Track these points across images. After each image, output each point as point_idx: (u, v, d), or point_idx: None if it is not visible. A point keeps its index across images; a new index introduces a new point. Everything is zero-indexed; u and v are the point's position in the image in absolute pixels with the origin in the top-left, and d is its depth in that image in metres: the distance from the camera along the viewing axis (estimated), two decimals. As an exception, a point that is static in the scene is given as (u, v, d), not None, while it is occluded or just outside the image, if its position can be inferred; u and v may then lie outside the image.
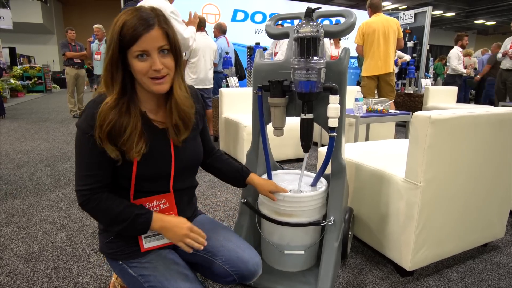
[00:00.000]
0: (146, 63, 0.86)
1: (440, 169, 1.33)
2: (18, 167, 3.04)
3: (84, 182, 0.89)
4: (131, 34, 0.83)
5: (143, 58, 0.85)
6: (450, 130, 1.30)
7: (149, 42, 0.84)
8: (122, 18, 0.84)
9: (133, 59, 0.85)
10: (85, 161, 0.89)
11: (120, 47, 0.84)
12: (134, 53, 0.84)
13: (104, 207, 0.90)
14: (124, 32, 0.83)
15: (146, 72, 0.86)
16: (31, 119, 5.98)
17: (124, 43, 0.84)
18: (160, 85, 0.89)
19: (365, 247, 1.71)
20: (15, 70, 11.42)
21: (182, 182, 1.04)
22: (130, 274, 0.97)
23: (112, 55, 0.85)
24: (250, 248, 1.07)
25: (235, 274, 1.01)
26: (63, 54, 5.72)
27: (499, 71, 5.65)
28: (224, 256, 1.02)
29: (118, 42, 0.84)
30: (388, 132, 3.79)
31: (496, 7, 13.39)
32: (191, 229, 0.94)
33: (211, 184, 2.67)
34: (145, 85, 0.89)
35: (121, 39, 0.83)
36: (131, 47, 0.84)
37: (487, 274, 1.51)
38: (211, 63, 4.00)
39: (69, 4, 16.64)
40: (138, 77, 0.88)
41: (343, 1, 13.14)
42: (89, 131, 0.86)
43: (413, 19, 6.45)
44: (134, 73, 0.88)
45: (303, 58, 1.14)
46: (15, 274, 1.46)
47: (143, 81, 0.88)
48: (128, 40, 0.83)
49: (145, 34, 0.83)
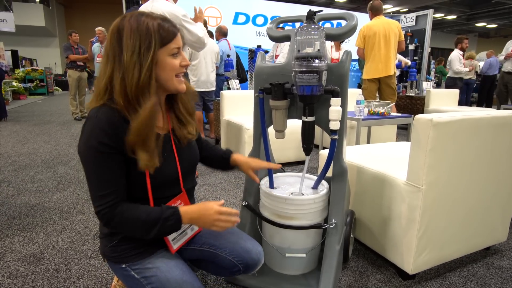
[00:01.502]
0: (178, 60, 0.91)
1: (442, 172, 1.33)
2: (19, 169, 3.05)
3: (102, 201, 0.86)
4: (171, 31, 0.88)
5: (176, 55, 0.90)
6: (452, 133, 1.30)
7: (179, 40, 0.91)
8: (150, 21, 0.86)
9: (167, 57, 0.88)
10: (99, 180, 0.86)
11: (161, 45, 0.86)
12: (172, 50, 0.89)
13: (129, 219, 0.87)
14: (164, 31, 0.87)
15: (177, 68, 0.91)
16: (33, 121, 5.99)
17: (165, 40, 0.87)
18: (182, 83, 0.95)
19: (366, 250, 1.70)
20: (17, 72, 11.48)
21: (189, 181, 1.08)
22: (133, 277, 0.97)
23: (153, 55, 0.85)
24: (251, 239, 1.12)
25: (240, 264, 1.05)
26: (66, 57, 5.75)
27: (500, 74, 5.65)
28: (228, 248, 1.06)
29: (160, 40, 0.86)
30: (389, 135, 3.78)
31: (497, 10, 13.41)
32: (219, 212, 0.92)
33: (212, 187, 2.67)
34: (171, 84, 0.92)
35: (162, 36, 0.86)
36: (168, 44, 0.87)
37: (490, 278, 1.50)
38: (212, 66, 4.00)
39: (71, 7, 16.74)
40: (168, 76, 0.90)
41: (344, 4, 13.18)
42: (102, 149, 0.84)
43: (415, 22, 6.45)
44: (164, 71, 0.89)
45: (305, 61, 1.14)
46: (16, 276, 1.46)
47: (171, 80, 0.91)
48: (169, 37, 0.87)
49: (178, 34, 0.91)
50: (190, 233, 1.06)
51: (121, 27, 0.86)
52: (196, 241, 1.10)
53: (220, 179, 2.84)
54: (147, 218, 0.87)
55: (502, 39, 17.30)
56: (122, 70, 0.84)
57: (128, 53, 0.84)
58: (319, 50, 1.12)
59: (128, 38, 0.84)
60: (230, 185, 2.70)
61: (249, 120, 2.97)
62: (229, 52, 4.57)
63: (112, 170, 0.86)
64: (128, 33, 0.84)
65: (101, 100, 0.87)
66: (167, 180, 0.97)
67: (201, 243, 1.09)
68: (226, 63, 4.37)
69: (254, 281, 1.35)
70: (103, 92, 0.88)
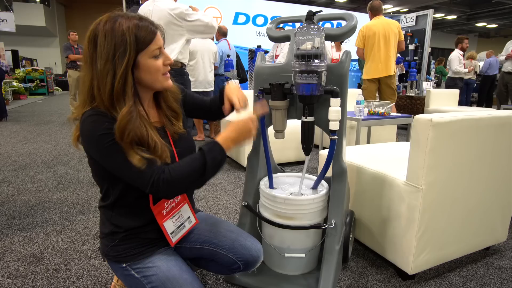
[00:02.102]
0: (161, 60, 0.90)
1: (442, 172, 1.33)
2: (19, 169, 3.05)
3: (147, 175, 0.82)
4: (149, 33, 0.85)
5: (158, 56, 0.89)
6: (451, 133, 1.30)
7: (159, 40, 0.89)
8: (126, 24, 0.82)
9: (149, 59, 0.87)
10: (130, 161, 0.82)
11: (136, 50, 0.84)
12: (153, 52, 0.87)
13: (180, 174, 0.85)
14: (141, 34, 0.84)
15: (162, 69, 0.90)
16: (33, 121, 6.00)
17: (143, 45, 0.84)
18: (169, 80, 0.95)
19: (366, 251, 1.70)
20: (18, 72, 11.49)
21: None
22: (133, 276, 0.97)
23: (128, 60, 0.82)
24: (251, 236, 1.12)
25: (240, 261, 1.06)
26: (66, 57, 5.75)
27: (501, 74, 5.65)
28: (228, 245, 1.06)
29: (136, 45, 0.83)
30: (389, 135, 3.78)
31: (497, 10, 13.40)
32: (253, 120, 0.97)
33: (212, 186, 2.67)
34: (158, 82, 0.91)
35: (138, 40, 0.83)
36: (148, 46, 0.85)
37: (489, 278, 1.50)
38: (210, 66, 3.98)
39: (71, 7, 16.75)
40: (153, 77, 0.89)
41: (345, 4, 13.18)
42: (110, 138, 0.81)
43: (415, 22, 6.45)
44: (149, 74, 0.88)
45: (304, 61, 1.14)
46: (15, 276, 1.46)
47: (157, 79, 0.91)
48: (147, 40, 0.85)
49: (158, 32, 0.88)
50: (188, 226, 1.07)
51: (96, 32, 0.83)
52: (195, 240, 1.10)
53: (220, 179, 2.85)
54: (193, 163, 0.87)
55: (502, 39, 17.30)
56: (97, 78, 0.83)
57: (102, 61, 0.81)
58: (319, 48, 1.12)
59: (102, 44, 0.81)
60: (230, 185, 2.70)
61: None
62: (229, 52, 4.56)
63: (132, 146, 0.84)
64: (102, 39, 0.81)
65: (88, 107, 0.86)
66: None
67: (200, 241, 1.09)
68: (226, 63, 4.37)
69: (254, 281, 1.35)
70: (88, 101, 0.86)
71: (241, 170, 3.12)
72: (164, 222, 0.99)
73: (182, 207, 1.06)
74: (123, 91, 0.83)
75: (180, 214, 1.05)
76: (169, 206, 1.01)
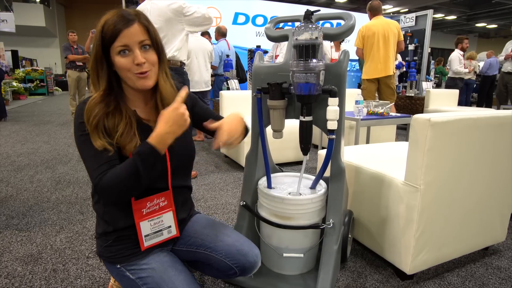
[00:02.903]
0: (129, 59, 0.87)
1: (440, 172, 1.33)
2: (18, 169, 3.05)
3: (95, 174, 0.85)
4: (112, 30, 0.85)
5: (125, 54, 0.87)
6: (450, 133, 1.30)
7: (129, 37, 0.86)
8: (104, 18, 0.87)
9: (116, 56, 0.87)
10: (90, 156, 0.87)
11: (102, 45, 0.86)
12: (116, 48, 0.86)
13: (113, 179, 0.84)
14: (106, 30, 0.85)
15: (129, 68, 0.87)
16: (32, 121, 6.00)
17: (106, 41, 0.86)
18: (145, 80, 0.90)
19: (364, 250, 1.70)
20: (17, 72, 11.49)
21: (179, 179, 1.05)
22: (128, 277, 0.97)
23: (96, 53, 0.88)
24: (248, 241, 1.09)
25: (236, 267, 1.03)
26: (65, 57, 5.75)
27: (500, 74, 5.65)
28: (224, 251, 1.04)
29: (101, 40, 0.86)
30: (389, 135, 3.78)
31: (497, 10, 13.40)
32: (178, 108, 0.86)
33: (210, 187, 2.66)
34: (130, 81, 0.90)
35: (103, 36, 0.85)
36: (113, 43, 0.86)
37: (488, 278, 1.49)
38: (206, 65, 3.94)
39: (71, 7, 16.76)
40: (123, 75, 0.90)
41: (344, 4, 13.18)
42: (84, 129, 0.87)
43: (414, 22, 6.45)
44: (119, 71, 0.89)
45: (302, 60, 1.14)
46: (13, 276, 1.46)
47: (128, 77, 0.89)
48: (109, 36, 0.85)
49: (125, 30, 0.85)
50: (166, 235, 1.02)
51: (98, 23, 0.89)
52: (192, 243, 1.08)
53: (218, 179, 2.84)
54: (126, 167, 0.84)
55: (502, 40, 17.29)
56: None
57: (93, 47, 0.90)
58: (317, 38, 1.12)
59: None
60: (229, 185, 2.70)
61: (248, 120, 2.96)
62: (229, 52, 4.56)
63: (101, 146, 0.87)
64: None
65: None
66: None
67: (196, 245, 1.07)
68: (225, 63, 4.36)
69: (252, 281, 1.35)
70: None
71: (240, 170, 3.11)
72: (141, 221, 0.96)
73: (165, 213, 1.01)
74: (97, 81, 0.90)
75: (161, 220, 1.00)
76: (151, 208, 0.98)
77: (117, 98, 0.92)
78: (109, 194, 0.85)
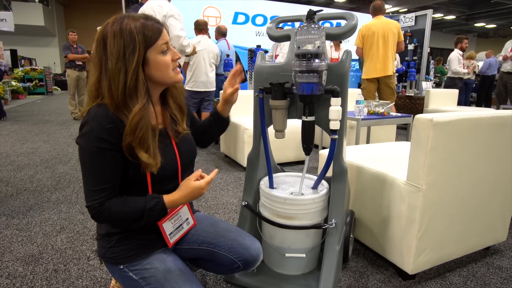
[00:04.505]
0: (169, 56, 0.91)
1: (442, 172, 1.33)
2: (18, 169, 3.04)
3: (94, 197, 0.86)
4: (155, 30, 0.87)
5: (166, 52, 0.90)
6: (452, 133, 1.30)
7: (166, 36, 0.91)
8: (133, 23, 0.85)
9: (158, 55, 0.89)
10: (95, 175, 0.86)
11: (145, 47, 0.86)
12: (160, 47, 0.89)
13: (117, 213, 0.88)
14: (148, 31, 0.86)
15: (171, 64, 0.92)
16: (32, 121, 5.98)
17: (151, 41, 0.87)
18: (179, 74, 0.96)
19: (366, 250, 1.70)
20: (16, 72, 11.45)
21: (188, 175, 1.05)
22: (131, 278, 0.97)
23: (138, 57, 0.85)
24: (250, 236, 1.11)
25: (239, 260, 1.05)
26: (65, 56, 5.74)
27: (500, 74, 5.66)
28: (227, 245, 1.06)
29: (144, 42, 0.86)
30: (389, 135, 3.78)
31: (496, 10, 13.42)
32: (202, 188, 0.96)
33: (211, 186, 2.66)
34: (169, 78, 0.93)
35: (146, 37, 0.86)
36: (155, 43, 0.87)
37: (490, 278, 1.50)
38: (211, 66, 3.99)
39: (70, 6, 16.71)
40: (164, 73, 0.91)
41: (344, 4, 13.18)
42: (100, 145, 0.84)
43: (414, 22, 6.45)
44: (158, 70, 0.90)
45: (305, 60, 1.14)
46: (14, 277, 1.45)
47: (168, 75, 0.92)
48: (154, 37, 0.87)
49: (163, 29, 0.90)
50: (186, 227, 1.07)
51: (105, 33, 0.85)
52: (194, 240, 1.09)
53: (219, 179, 2.84)
54: (133, 211, 0.89)
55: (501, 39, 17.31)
56: (109, 77, 0.85)
57: (113, 60, 0.84)
58: (319, 47, 1.12)
59: (112, 44, 0.84)
60: (230, 185, 2.70)
61: (249, 120, 2.96)
62: (228, 52, 4.56)
63: (108, 166, 0.86)
64: (111, 39, 0.84)
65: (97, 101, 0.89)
66: (167, 174, 0.97)
67: (199, 242, 1.09)
68: (225, 63, 4.36)
69: (254, 281, 1.35)
70: (94, 98, 0.89)
71: (240, 170, 3.11)
72: (163, 223, 0.99)
73: (181, 208, 1.05)
74: (135, 88, 0.86)
75: (179, 215, 1.05)
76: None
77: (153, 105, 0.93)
78: (104, 221, 0.90)
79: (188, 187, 0.94)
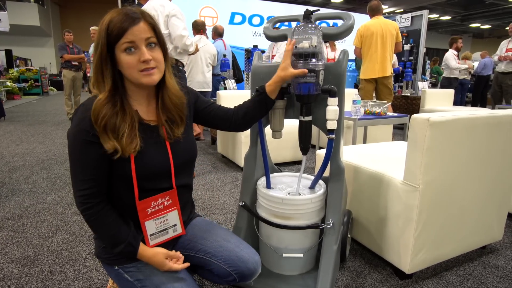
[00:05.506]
0: (135, 56, 0.86)
1: (439, 171, 1.33)
2: (13, 170, 3.01)
3: (83, 187, 0.88)
4: (118, 27, 0.84)
5: (131, 51, 0.86)
6: (448, 132, 1.30)
7: (136, 34, 0.85)
8: (108, 16, 0.86)
9: (121, 53, 0.86)
10: (81, 166, 0.88)
11: (108, 43, 0.85)
12: (122, 46, 0.85)
13: (101, 222, 0.90)
14: (111, 28, 0.84)
15: (135, 65, 0.87)
16: (27, 121, 5.94)
17: (112, 38, 0.85)
18: (150, 77, 0.89)
19: (363, 250, 1.70)
20: (12, 72, 11.37)
21: (182, 178, 1.04)
22: (126, 279, 0.96)
23: (101, 51, 0.86)
24: (249, 247, 1.07)
25: (235, 273, 1.02)
26: (60, 56, 5.70)
27: (495, 74, 5.69)
28: (224, 256, 1.02)
29: (106, 38, 0.85)
30: (385, 135, 3.80)
31: (491, 11, 13.52)
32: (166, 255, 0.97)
33: (208, 187, 2.65)
34: (135, 79, 0.89)
35: (109, 34, 0.84)
36: (118, 41, 0.85)
37: (486, 277, 1.50)
38: (208, 66, 4.00)
39: (66, 6, 16.63)
40: (128, 72, 0.88)
41: (340, 5, 13.21)
42: (83, 136, 0.85)
43: (410, 22, 6.48)
44: (123, 69, 0.88)
45: (302, 60, 1.14)
46: (9, 278, 1.44)
47: (132, 75, 0.88)
48: (115, 34, 0.84)
49: (132, 27, 0.85)
50: (171, 234, 1.03)
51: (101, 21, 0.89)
52: (191, 247, 1.07)
53: (216, 179, 2.83)
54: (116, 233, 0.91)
55: (496, 40, 17.46)
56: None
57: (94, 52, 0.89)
58: (316, 46, 1.12)
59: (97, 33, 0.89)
60: (227, 185, 2.69)
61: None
62: (225, 52, 4.56)
63: (95, 159, 0.87)
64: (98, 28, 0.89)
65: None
66: (156, 171, 0.95)
67: (196, 249, 1.06)
68: (222, 63, 4.36)
69: (251, 282, 1.34)
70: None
71: (237, 170, 3.11)
72: (146, 221, 0.96)
73: (170, 212, 1.01)
74: (102, 80, 0.88)
75: (166, 218, 1.01)
76: (156, 207, 0.98)
77: (121, 98, 0.91)
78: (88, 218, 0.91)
79: (158, 258, 0.96)
